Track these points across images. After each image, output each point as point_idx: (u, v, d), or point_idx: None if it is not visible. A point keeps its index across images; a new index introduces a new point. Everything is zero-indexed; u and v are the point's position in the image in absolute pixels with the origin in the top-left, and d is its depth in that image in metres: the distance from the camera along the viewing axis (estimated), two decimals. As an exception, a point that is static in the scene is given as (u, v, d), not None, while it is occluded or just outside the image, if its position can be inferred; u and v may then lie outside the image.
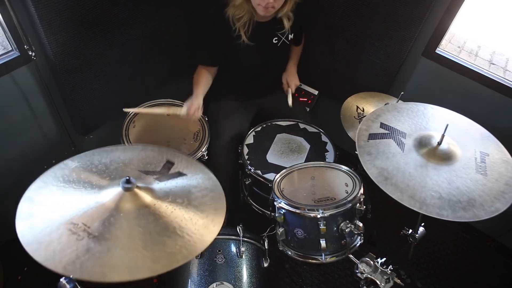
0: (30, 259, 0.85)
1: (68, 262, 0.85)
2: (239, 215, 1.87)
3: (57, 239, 0.89)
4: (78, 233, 0.91)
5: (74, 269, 0.84)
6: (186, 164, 1.19)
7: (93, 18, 1.63)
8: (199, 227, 1.00)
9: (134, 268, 0.87)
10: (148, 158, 1.18)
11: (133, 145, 1.20)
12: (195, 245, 0.95)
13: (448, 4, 1.73)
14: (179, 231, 0.96)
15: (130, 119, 1.76)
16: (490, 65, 2.38)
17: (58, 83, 1.71)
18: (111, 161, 1.14)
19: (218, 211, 1.06)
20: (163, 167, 1.16)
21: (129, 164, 1.15)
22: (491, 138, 1.37)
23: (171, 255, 0.91)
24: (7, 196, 1.32)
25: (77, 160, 1.13)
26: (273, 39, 1.85)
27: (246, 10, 1.69)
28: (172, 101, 1.86)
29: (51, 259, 0.85)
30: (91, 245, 0.89)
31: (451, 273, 2.15)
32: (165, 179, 1.11)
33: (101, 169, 1.11)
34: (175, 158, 1.19)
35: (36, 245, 0.88)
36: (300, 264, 2.05)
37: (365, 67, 2.08)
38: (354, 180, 1.53)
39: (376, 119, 1.40)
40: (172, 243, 0.94)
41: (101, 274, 0.84)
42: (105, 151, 1.18)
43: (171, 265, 0.90)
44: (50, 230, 0.91)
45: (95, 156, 1.15)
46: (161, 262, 0.89)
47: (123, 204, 0.98)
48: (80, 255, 0.87)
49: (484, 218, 1.11)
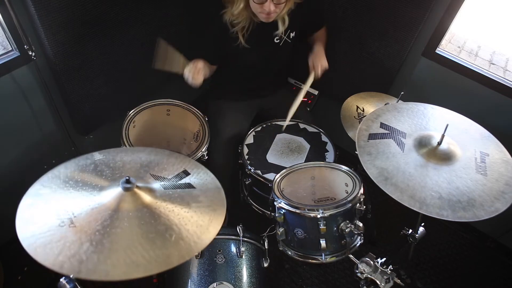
0: (30, 259, 0.85)
1: (66, 261, 0.85)
2: (239, 215, 1.87)
3: (56, 238, 0.89)
4: (78, 233, 0.91)
5: (73, 268, 0.84)
6: (201, 177, 1.20)
7: (93, 18, 1.63)
8: (198, 228, 1.00)
9: (132, 267, 0.87)
10: (166, 164, 1.20)
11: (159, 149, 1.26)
12: (194, 245, 0.96)
13: (448, 4, 1.73)
14: (178, 231, 0.97)
15: (130, 119, 1.76)
16: (490, 65, 2.38)
17: (58, 83, 1.71)
18: (131, 160, 1.17)
19: (218, 213, 1.07)
20: (176, 176, 1.16)
21: (147, 166, 1.17)
22: (491, 138, 1.37)
23: (169, 255, 0.92)
24: (7, 196, 1.32)
25: (103, 154, 1.16)
26: (275, 39, 1.84)
27: (246, 17, 1.68)
28: (172, 101, 1.86)
29: (49, 258, 0.85)
30: (89, 244, 0.89)
31: (451, 273, 2.15)
32: (171, 187, 1.12)
33: (118, 166, 1.13)
34: (193, 169, 1.20)
35: (34, 243, 0.88)
36: (300, 264, 2.05)
37: (365, 67, 2.08)
38: (354, 180, 1.53)
39: (376, 119, 1.40)
40: (171, 243, 0.94)
41: (100, 273, 0.85)
42: (131, 150, 1.23)
43: (169, 264, 0.90)
44: (49, 229, 0.91)
45: (118, 154, 1.19)
46: (159, 261, 0.90)
47: (123, 204, 0.99)
48: (79, 254, 0.87)
49: (484, 218, 1.11)
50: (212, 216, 1.05)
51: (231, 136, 1.93)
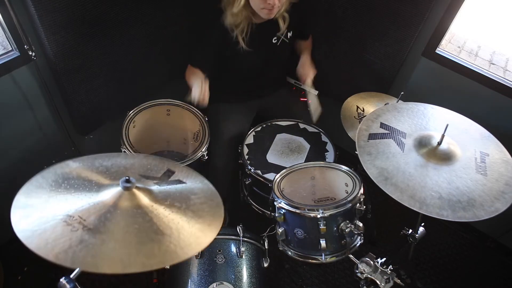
0: (30, 259, 0.85)
1: (60, 251, 0.85)
2: (239, 215, 1.87)
3: (51, 228, 0.90)
4: (73, 224, 0.91)
5: (66, 258, 0.84)
6: (187, 174, 1.20)
7: (93, 18, 1.63)
8: (195, 230, 1.01)
9: (127, 261, 0.87)
10: (150, 165, 1.20)
11: (135, 154, 1.25)
12: (190, 246, 0.96)
13: (448, 4, 1.73)
14: (175, 232, 0.97)
15: (130, 119, 1.76)
16: (490, 65, 2.38)
17: (58, 83, 1.71)
18: (112, 164, 1.16)
19: (215, 217, 1.07)
20: (164, 175, 1.17)
21: (130, 168, 1.17)
22: (491, 138, 1.37)
23: (165, 253, 0.92)
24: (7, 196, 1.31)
25: (78, 162, 1.14)
26: (272, 39, 1.85)
27: (244, 17, 1.68)
28: (172, 101, 1.86)
29: (43, 248, 0.85)
30: (85, 236, 0.89)
31: (451, 273, 2.15)
32: (164, 184, 1.12)
33: (102, 171, 1.12)
34: (176, 168, 1.21)
35: (29, 232, 0.88)
36: (300, 264, 2.05)
37: (365, 67, 2.08)
38: (354, 180, 1.53)
39: (376, 119, 1.40)
40: (167, 242, 0.94)
41: (94, 265, 0.85)
42: (107, 156, 1.20)
43: (165, 262, 0.90)
44: (45, 220, 0.92)
45: (97, 160, 1.17)
46: (154, 258, 0.90)
47: (122, 202, 0.99)
48: (73, 245, 0.87)
49: (484, 218, 1.11)
50: (209, 221, 1.05)
51: (231, 136, 1.93)
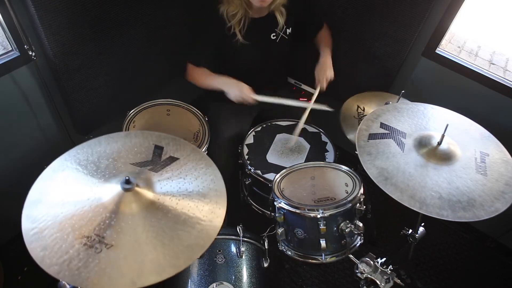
0: (30, 259, 0.85)
1: (88, 275, 0.83)
2: (239, 215, 1.87)
3: (74, 255, 0.87)
4: (95, 245, 0.88)
5: (93, 283, 0.82)
6: (175, 146, 1.17)
7: (93, 18, 1.63)
8: (206, 213, 0.99)
9: (159, 268, 0.86)
10: (136, 147, 1.15)
11: (113, 135, 1.18)
12: (208, 231, 0.95)
13: (448, 4, 1.73)
14: (189, 222, 0.96)
15: (130, 119, 1.76)
16: (490, 65, 2.38)
17: (58, 83, 1.71)
18: (99, 158, 1.10)
19: (219, 193, 1.06)
20: (154, 155, 1.13)
21: (119, 158, 1.11)
22: (491, 138, 1.37)
23: (189, 247, 0.90)
24: (7, 196, 1.32)
25: (60, 164, 1.07)
26: (271, 35, 1.84)
27: (239, 6, 1.67)
28: (172, 101, 1.86)
29: (68, 275, 0.84)
30: (111, 255, 0.86)
31: (451, 273, 2.15)
32: (159, 168, 1.09)
33: (92, 169, 1.06)
34: (162, 141, 1.16)
35: (47, 259, 0.86)
36: (300, 264, 2.05)
37: (365, 67, 2.08)
38: (354, 180, 1.52)
39: (376, 119, 1.41)
40: (187, 235, 0.93)
41: (131, 284, 0.83)
42: (88, 145, 1.12)
43: (192, 257, 0.90)
44: (65, 247, 0.88)
45: (80, 155, 1.10)
46: (182, 256, 0.89)
47: (127, 205, 0.96)
48: (98, 267, 0.85)
49: (484, 218, 1.11)
50: (215, 199, 1.04)
51: (231, 136, 1.92)
